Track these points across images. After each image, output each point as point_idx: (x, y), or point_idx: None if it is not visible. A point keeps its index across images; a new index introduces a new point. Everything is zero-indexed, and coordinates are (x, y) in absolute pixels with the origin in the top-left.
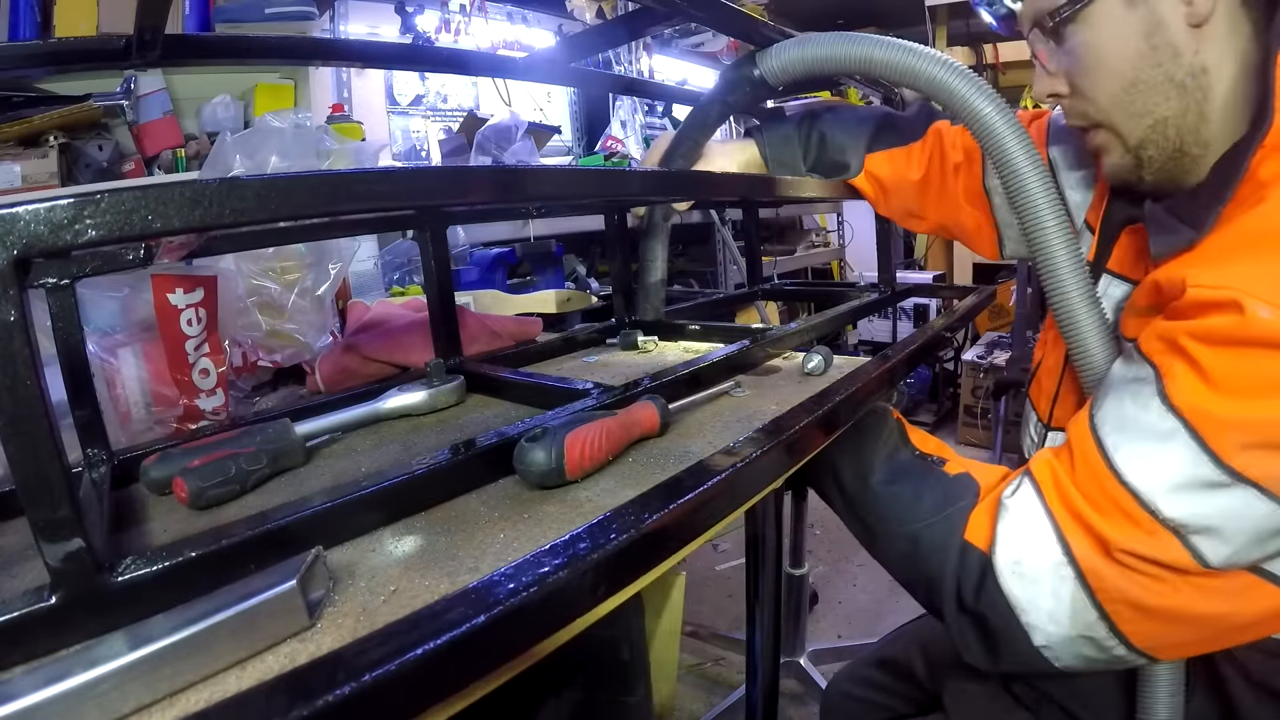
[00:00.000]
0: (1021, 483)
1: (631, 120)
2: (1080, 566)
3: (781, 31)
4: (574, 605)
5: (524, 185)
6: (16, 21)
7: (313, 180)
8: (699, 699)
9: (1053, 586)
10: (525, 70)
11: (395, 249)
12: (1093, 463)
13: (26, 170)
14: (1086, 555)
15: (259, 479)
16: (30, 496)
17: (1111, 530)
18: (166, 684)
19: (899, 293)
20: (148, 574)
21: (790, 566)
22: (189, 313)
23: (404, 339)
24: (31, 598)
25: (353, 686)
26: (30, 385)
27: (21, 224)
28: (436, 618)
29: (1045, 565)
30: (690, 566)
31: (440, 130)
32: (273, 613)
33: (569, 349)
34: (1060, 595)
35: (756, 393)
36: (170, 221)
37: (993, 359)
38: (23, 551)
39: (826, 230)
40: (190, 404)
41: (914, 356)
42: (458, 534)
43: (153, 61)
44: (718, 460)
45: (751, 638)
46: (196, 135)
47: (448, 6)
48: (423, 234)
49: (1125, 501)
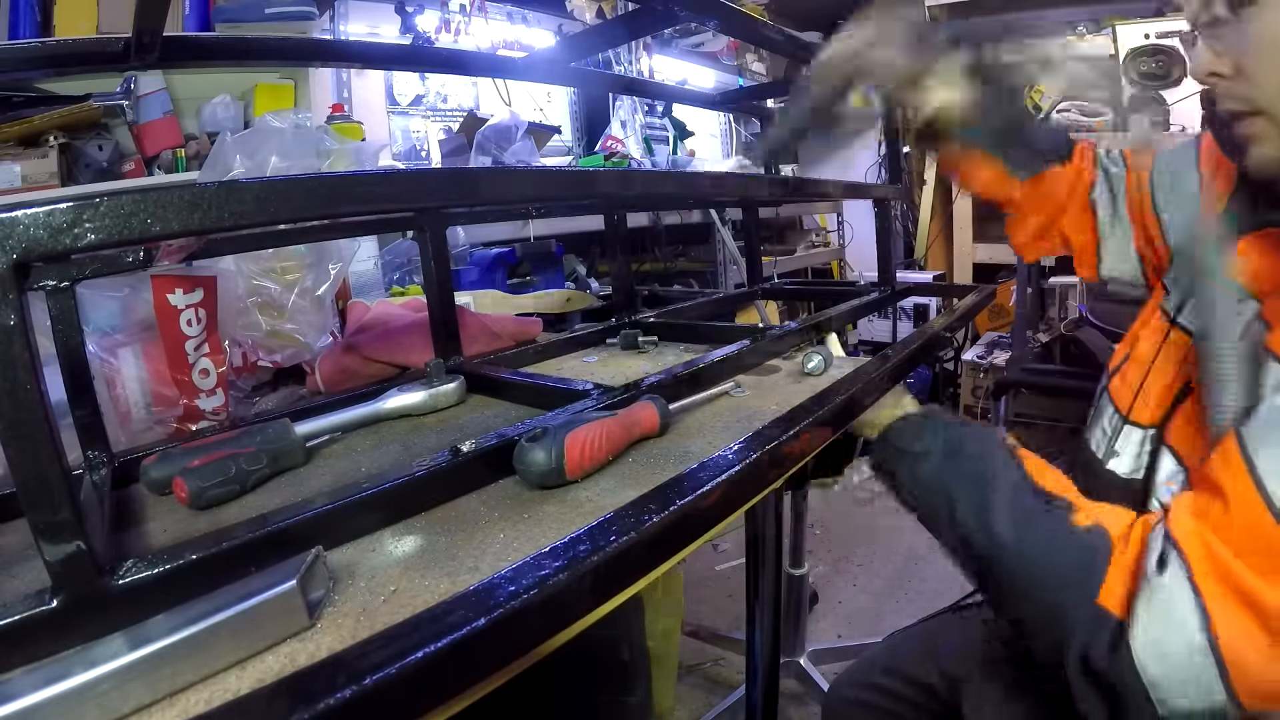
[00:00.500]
0: (1168, 555)
1: (631, 120)
2: (1224, 657)
3: (781, 32)
4: (573, 608)
5: (531, 184)
6: (16, 21)
7: (311, 183)
8: (699, 699)
9: (1193, 673)
10: (525, 70)
11: (395, 249)
12: (1255, 517)
13: (26, 170)
14: (1233, 643)
15: (259, 479)
16: (31, 500)
17: (1274, 596)
18: (166, 684)
19: (898, 292)
20: (149, 576)
21: (790, 566)
22: (189, 313)
23: (404, 339)
24: (32, 601)
25: (353, 690)
26: (30, 389)
27: (21, 228)
28: (437, 620)
29: (1185, 649)
30: (690, 566)
31: (440, 130)
32: (273, 613)
33: (569, 349)
34: (1199, 681)
35: (756, 393)
36: (169, 225)
37: (993, 359)
38: (22, 552)
39: (826, 230)
40: (190, 404)
41: (914, 356)
42: (458, 534)
43: (151, 64)
44: (718, 461)
45: (751, 638)
46: (196, 135)
47: (448, 6)
48: (422, 235)
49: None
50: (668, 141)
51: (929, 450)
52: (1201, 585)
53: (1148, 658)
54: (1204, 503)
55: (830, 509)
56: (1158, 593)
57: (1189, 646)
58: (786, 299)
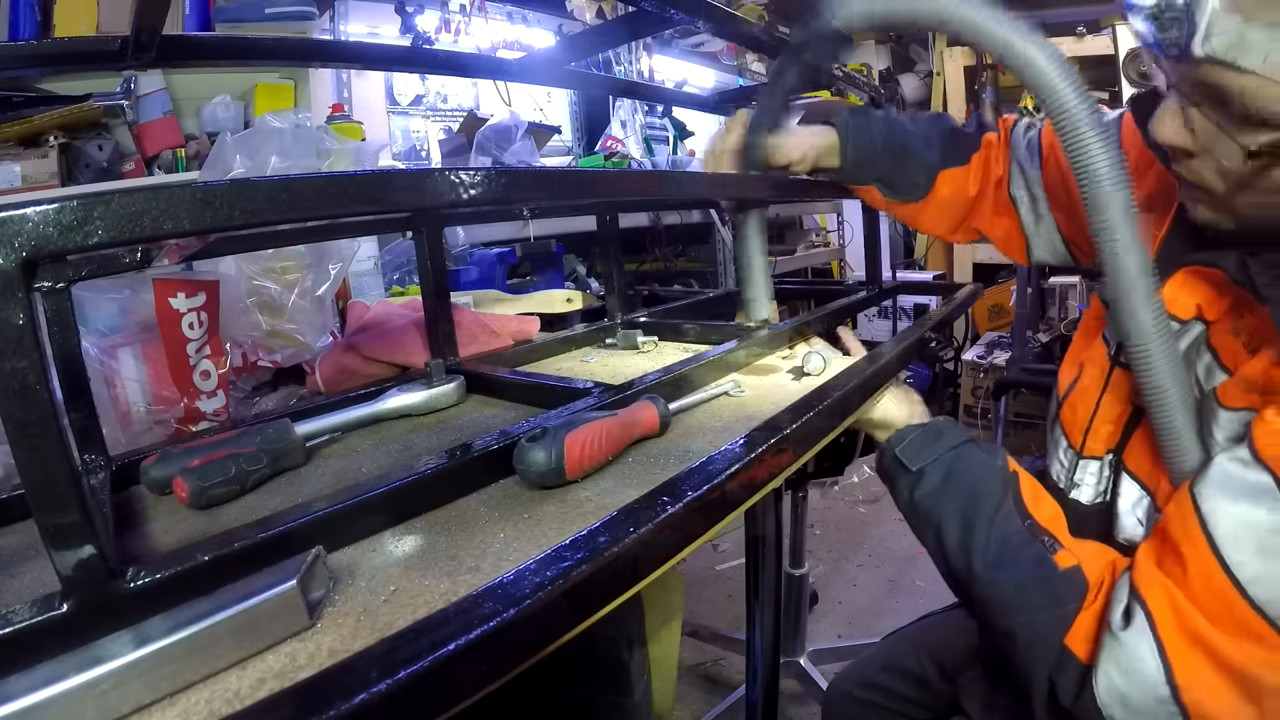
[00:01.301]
0: (1132, 608)
1: (631, 120)
2: (1188, 711)
3: (782, 33)
4: (585, 605)
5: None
6: (16, 21)
7: (322, 181)
8: (699, 699)
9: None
10: (524, 72)
11: (395, 249)
12: (1215, 582)
13: (26, 170)
14: (1196, 695)
15: (259, 479)
16: (39, 502)
17: (1236, 653)
18: (167, 684)
19: (885, 290)
20: (161, 579)
21: (790, 566)
22: (190, 316)
23: (404, 339)
24: (42, 605)
25: (346, 706)
26: (39, 389)
27: (30, 225)
28: (435, 629)
29: (1149, 700)
30: (690, 566)
31: (440, 130)
32: (273, 612)
33: (568, 349)
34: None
35: (756, 393)
36: (181, 223)
37: (993, 359)
38: (22, 552)
39: (826, 230)
40: (191, 405)
41: (904, 354)
42: (458, 534)
43: (149, 63)
44: (718, 460)
45: (751, 638)
46: (196, 135)
47: (448, 6)
48: (419, 235)
49: (1256, 624)
50: (668, 141)
51: (926, 472)
52: (1166, 640)
53: (1111, 704)
54: (1168, 561)
55: (830, 509)
56: (1122, 647)
57: (1154, 699)
58: (780, 298)
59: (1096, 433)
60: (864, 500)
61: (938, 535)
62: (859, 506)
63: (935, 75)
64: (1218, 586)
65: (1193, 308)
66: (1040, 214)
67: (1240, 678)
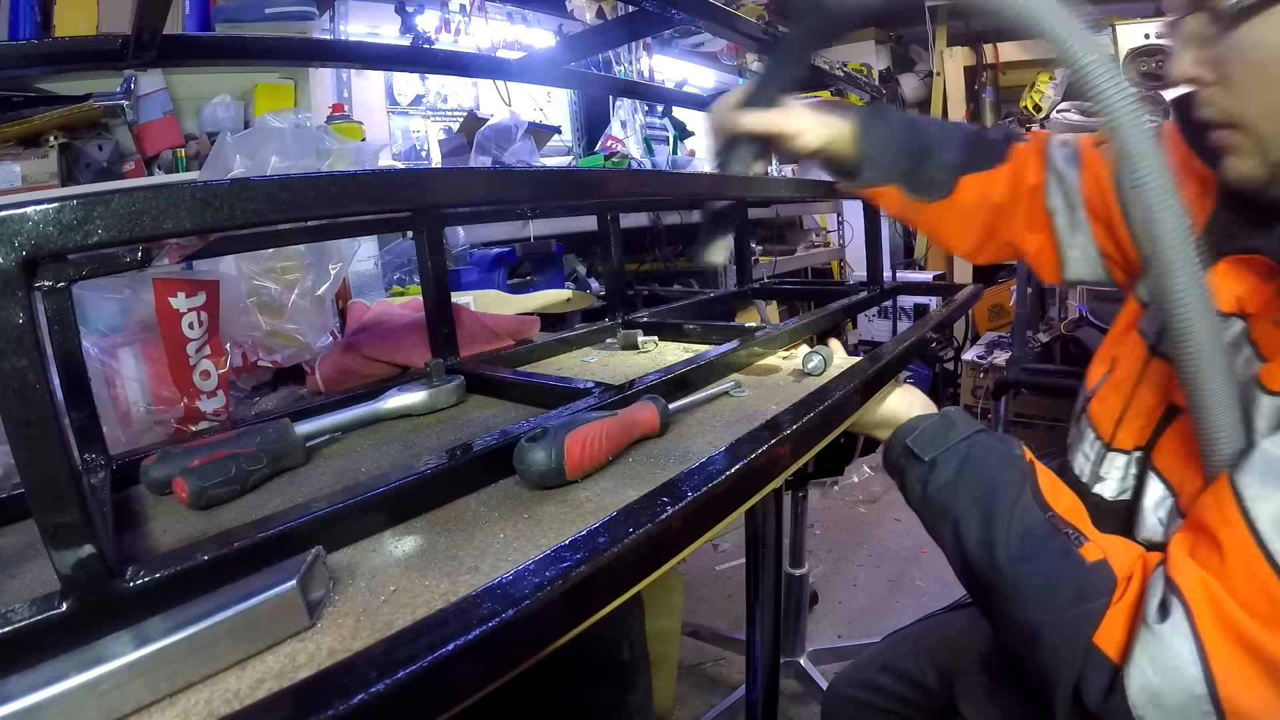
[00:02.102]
0: (1169, 601)
1: (631, 120)
2: (1224, 708)
3: (781, 33)
4: (585, 605)
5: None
6: (16, 21)
7: (323, 180)
8: (699, 699)
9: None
10: (524, 72)
11: (395, 249)
12: (1257, 571)
13: (26, 170)
14: (1233, 693)
15: (259, 479)
16: (39, 501)
17: (1276, 646)
18: (166, 684)
19: (885, 291)
20: (160, 579)
21: (790, 566)
22: (190, 316)
23: (404, 339)
24: (42, 605)
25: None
26: (39, 389)
27: (30, 224)
28: (435, 629)
29: (1184, 698)
30: (690, 566)
31: (440, 130)
32: (273, 613)
33: (568, 349)
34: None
35: (756, 393)
36: (181, 222)
37: (993, 359)
38: (22, 552)
39: (826, 230)
40: (191, 405)
41: (904, 355)
42: (458, 534)
43: (149, 62)
44: (718, 460)
45: (751, 638)
46: (196, 135)
47: (448, 6)
48: (419, 235)
49: None
50: (668, 141)
51: (939, 462)
52: (1204, 634)
53: (1144, 704)
54: (1204, 551)
55: (830, 509)
56: (1158, 641)
57: (1189, 696)
58: (777, 298)
59: (1129, 425)
60: (864, 500)
61: (955, 529)
62: (859, 506)
63: (935, 75)
64: (1261, 578)
65: (1233, 300)
66: (1077, 222)
67: (1278, 673)
